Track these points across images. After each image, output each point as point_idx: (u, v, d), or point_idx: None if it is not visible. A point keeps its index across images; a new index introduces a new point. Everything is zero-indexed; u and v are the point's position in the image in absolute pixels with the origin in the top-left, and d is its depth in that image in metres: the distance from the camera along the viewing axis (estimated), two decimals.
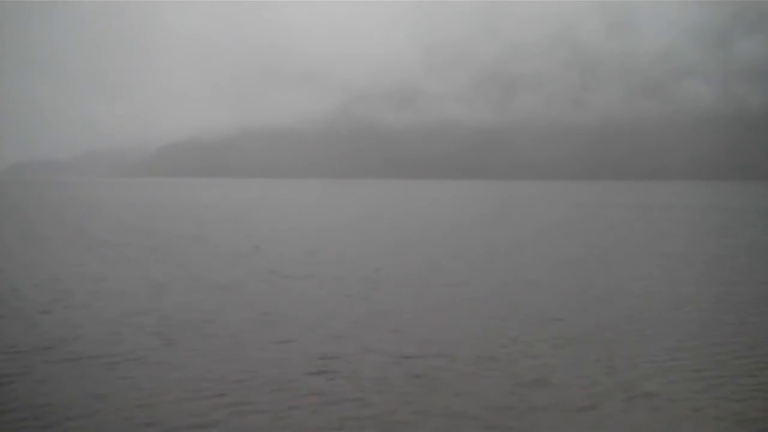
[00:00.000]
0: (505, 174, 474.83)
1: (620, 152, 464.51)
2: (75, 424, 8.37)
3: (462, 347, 12.00)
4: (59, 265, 22.42)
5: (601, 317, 14.45)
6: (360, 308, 15.33)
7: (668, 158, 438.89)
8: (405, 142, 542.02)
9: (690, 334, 12.96)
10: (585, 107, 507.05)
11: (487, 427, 8.41)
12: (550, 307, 15.45)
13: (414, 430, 8.31)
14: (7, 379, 10.07)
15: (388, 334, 12.95)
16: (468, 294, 17.16)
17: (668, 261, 23.87)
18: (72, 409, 8.80)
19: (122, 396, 9.33)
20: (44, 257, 24.51)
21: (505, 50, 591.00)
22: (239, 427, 8.36)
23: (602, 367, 10.86)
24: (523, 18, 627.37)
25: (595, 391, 9.72)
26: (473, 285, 18.54)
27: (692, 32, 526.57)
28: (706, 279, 19.81)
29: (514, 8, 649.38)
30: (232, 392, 9.52)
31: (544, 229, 38.62)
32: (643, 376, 10.41)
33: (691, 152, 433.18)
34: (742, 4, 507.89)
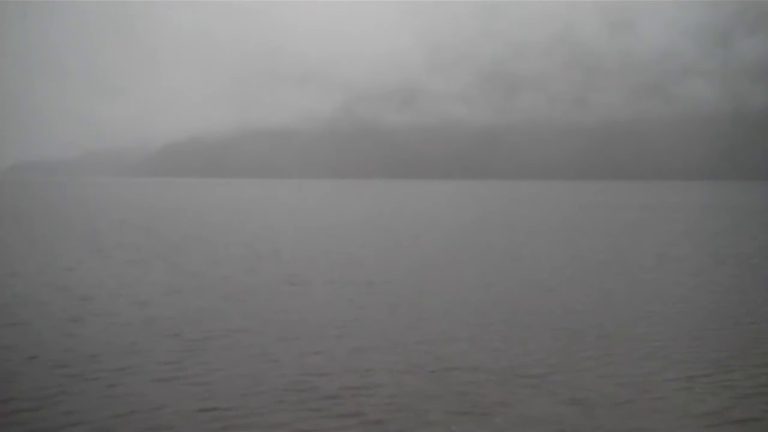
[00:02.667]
0: (507, 174, 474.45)
1: (621, 152, 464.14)
2: None
3: (499, 360, 11.33)
4: (72, 269, 21.78)
5: (642, 327, 13.77)
6: (382, 316, 14.67)
7: (669, 158, 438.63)
8: (406, 142, 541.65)
9: (751, 346, 12.30)
10: (586, 107, 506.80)
11: None
12: (582, 315, 14.78)
13: None
14: (49, 392, 9.46)
15: (417, 345, 12.29)
16: (492, 300, 16.49)
17: (696, 263, 23.21)
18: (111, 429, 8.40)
19: (151, 415, 8.75)
20: (55, 261, 23.86)
21: (506, 50, 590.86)
22: None
23: (661, 383, 10.18)
24: (524, 18, 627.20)
25: (668, 414, 8.97)
26: (495, 290, 17.87)
27: (693, 32, 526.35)
28: (740, 283, 19.13)
29: (515, 8, 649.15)
30: (267, 412, 8.90)
31: (558, 230, 37.97)
32: (726, 397, 9.60)
33: (692, 152, 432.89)
34: (743, 4, 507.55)
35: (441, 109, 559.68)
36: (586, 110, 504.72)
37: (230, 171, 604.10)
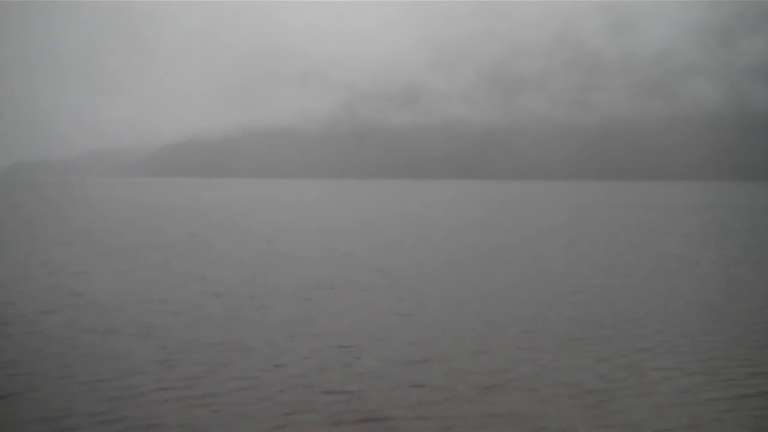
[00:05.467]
0: (508, 174, 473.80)
1: (622, 152, 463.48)
2: None
3: (552, 375, 10.66)
4: (83, 273, 21.10)
5: (689, 337, 13.11)
6: (418, 325, 13.99)
7: (671, 158, 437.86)
8: (407, 142, 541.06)
9: None
10: (587, 107, 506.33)
11: None
12: (624, 324, 14.08)
13: None
14: (90, 410, 8.85)
15: (464, 357, 11.61)
16: (528, 309, 15.79)
17: (716, 266, 22.52)
18: None
19: None
20: (64, 265, 23.18)
21: (507, 50, 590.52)
22: None
23: (740, 400, 9.50)
24: (526, 18, 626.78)
25: None
26: (529, 297, 17.19)
27: (695, 31, 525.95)
28: None
29: (517, 8, 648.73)
30: None
31: (571, 232, 37.28)
32: None
33: (693, 152, 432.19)
34: (744, 4, 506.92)
35: (442, 108, 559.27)
36: (588, 110, 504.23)
37: (230, 171, 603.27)
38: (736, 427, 8.54)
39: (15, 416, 8.85)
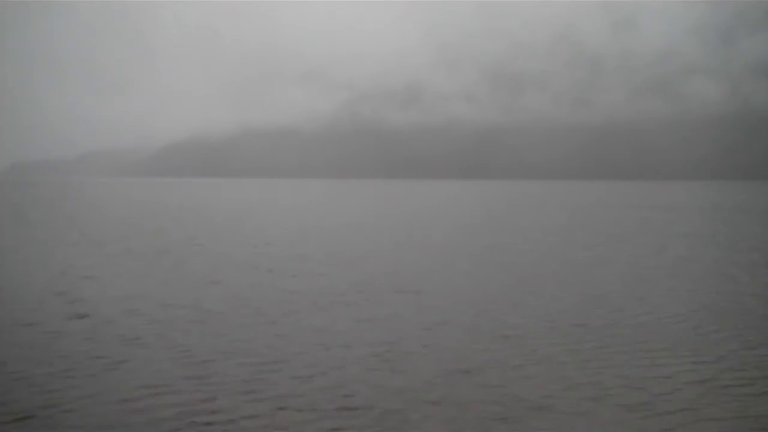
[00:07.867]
0: (509, 174, 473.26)
1: (624, 151, 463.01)
2: None
3: (587, 389, 10.31)
4: (100, 279, 20.73)
5: (731, 345, 12.76)
6: (439, 334, 13.64)
7: (673, 157, 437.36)
8: (409, 142, 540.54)
9: None
10: (589, 106, 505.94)
11: None
12: (665, 332, 13.73)
13: None
14: None
15: (490, 374, 11.27)
16: (567, 315, 15.38)
17: (746, 270, 22.13)
18: None
19: None
20: (79, 271, 22.79)
21: (509, 49, 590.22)
22: None
23: None
24: (527, 17, 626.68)
25: None
26: (562, 303, 16.80)
27: (696, 31, 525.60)
28: None
29: (518, 7, 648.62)
30: None
31: (588, 234, 36.88)
32: None
33: (695, 151, 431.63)
34: (746, 3, 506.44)
35: (444, 108, 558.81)
36: (589, 109, 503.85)
37: (231, 171, 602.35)
38: None
39: None
